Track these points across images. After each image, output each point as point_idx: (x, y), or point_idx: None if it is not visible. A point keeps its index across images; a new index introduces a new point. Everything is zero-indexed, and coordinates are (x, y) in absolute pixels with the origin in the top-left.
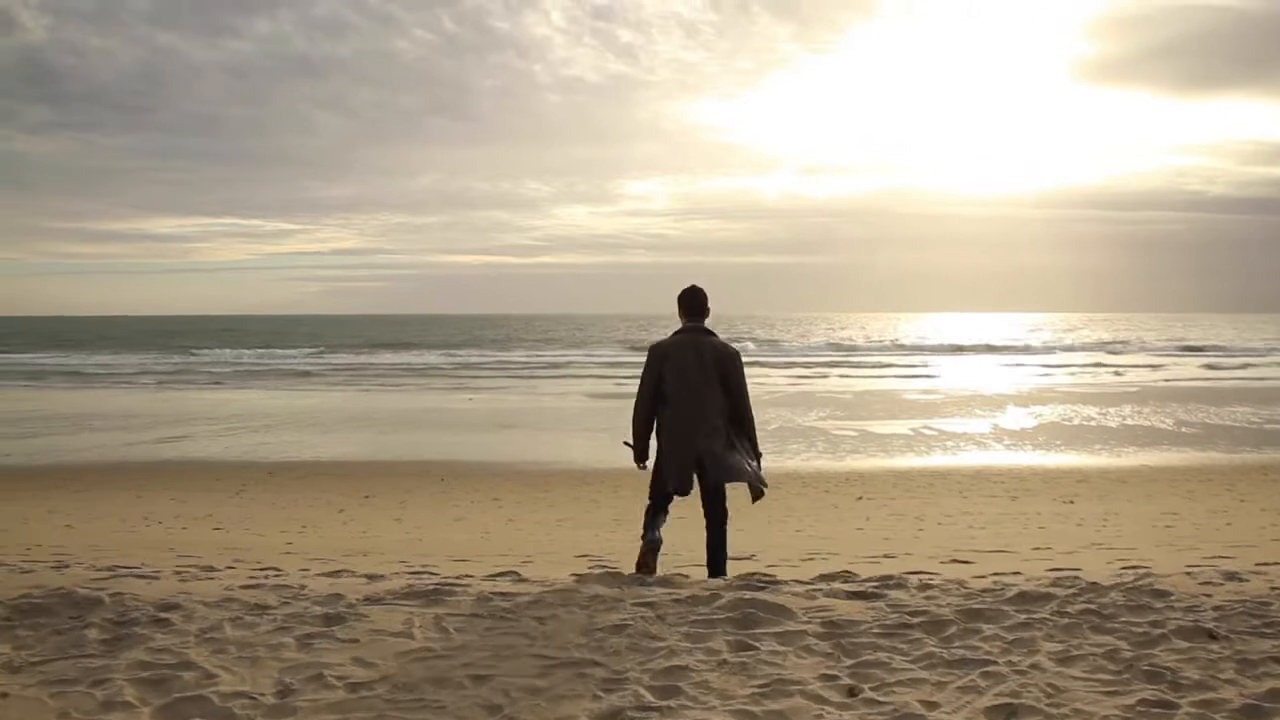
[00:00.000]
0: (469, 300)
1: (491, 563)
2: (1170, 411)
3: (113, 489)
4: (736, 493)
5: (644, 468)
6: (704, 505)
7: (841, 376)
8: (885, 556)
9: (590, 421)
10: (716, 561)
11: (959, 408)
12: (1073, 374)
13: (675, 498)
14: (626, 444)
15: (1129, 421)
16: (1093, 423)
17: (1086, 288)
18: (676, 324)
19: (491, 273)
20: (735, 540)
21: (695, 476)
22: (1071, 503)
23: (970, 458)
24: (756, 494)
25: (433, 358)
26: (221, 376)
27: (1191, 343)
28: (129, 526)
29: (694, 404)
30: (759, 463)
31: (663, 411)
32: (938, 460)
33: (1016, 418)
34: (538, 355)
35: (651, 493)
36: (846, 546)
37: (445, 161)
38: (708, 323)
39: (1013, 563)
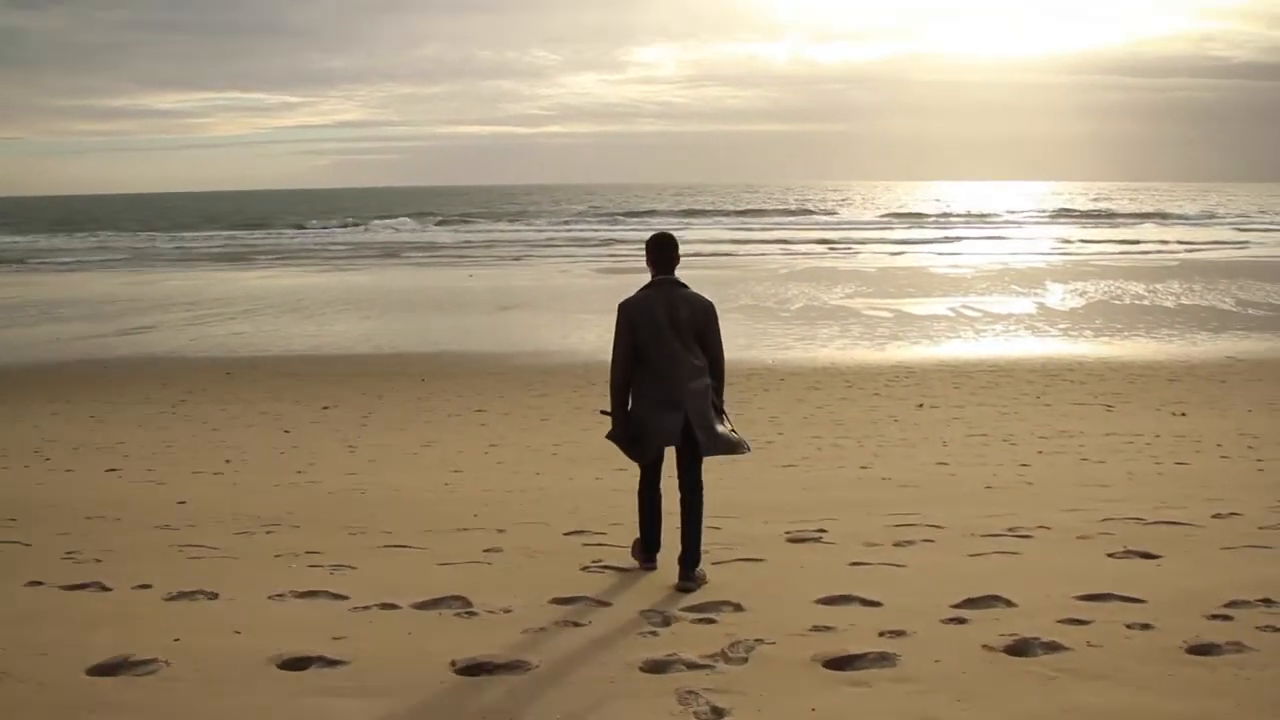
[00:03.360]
0: (476, 172)
1: (442, 549)
2: (1224, 289)
3: (34, 401)
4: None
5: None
6: (681, 475)
7: (862, 248)
8: (1011, 533)
9: (597, 302)
10: (693, 555)
11: (993, 284)
12: (1105, 246)
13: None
14: (604, 413)
15: (1184, 301)
16: (1144, 302)
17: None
18: (687, 199)
19: (499, 143)
20: (785, 489)
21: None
22: (1184, 415)
23: (1027, 346)
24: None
25: (436, 233)
26: (216, 257)
27: (1222, 213)
28: (2, 465)
29: (673, 367)
30: (728, 421)
31: (639, 375)
32: (992, 349)
33: (1060, 296)
34: (544, 228)
35: (633, 459)
36: (944, 507)
37: (449, 30)
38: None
39: (1211, 553)
